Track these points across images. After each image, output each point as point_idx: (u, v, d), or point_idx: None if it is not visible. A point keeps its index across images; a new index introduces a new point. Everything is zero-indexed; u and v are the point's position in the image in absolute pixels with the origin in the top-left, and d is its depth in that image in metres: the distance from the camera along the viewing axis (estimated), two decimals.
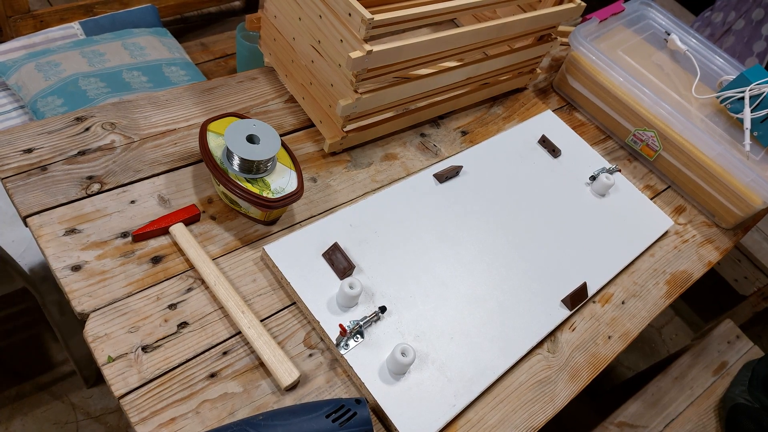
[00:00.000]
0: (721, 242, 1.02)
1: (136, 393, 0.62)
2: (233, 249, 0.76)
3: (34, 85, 1.29)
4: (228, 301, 0.69)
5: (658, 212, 0.99)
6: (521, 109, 1.11)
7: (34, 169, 0.76)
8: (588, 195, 0.97)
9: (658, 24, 1.23)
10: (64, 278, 0.67)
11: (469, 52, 0.91)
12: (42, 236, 0.70)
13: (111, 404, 1.33)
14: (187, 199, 0.79)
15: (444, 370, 0.71)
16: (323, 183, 0.87)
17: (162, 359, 0.65)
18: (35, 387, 1.32)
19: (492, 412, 0.71)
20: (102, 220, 0.73)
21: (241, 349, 0.68)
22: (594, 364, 0.80)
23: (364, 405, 0.62)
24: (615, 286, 0.89)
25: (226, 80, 0.95)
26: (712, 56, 1.19)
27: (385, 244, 0.80)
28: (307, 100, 0.92)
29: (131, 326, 0.66)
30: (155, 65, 1.42)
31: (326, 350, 0.71)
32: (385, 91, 0.84)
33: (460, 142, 1.00)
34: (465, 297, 0.78)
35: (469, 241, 0.84)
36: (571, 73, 1.12)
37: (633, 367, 1.82)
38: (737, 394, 1.20)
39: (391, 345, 0.71)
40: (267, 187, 0.74)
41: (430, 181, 0.89)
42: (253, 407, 0.64)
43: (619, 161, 1.09)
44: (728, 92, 1.07)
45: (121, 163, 0.79)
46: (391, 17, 0.74)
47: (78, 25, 1.48)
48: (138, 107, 0.87)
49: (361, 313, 0.72)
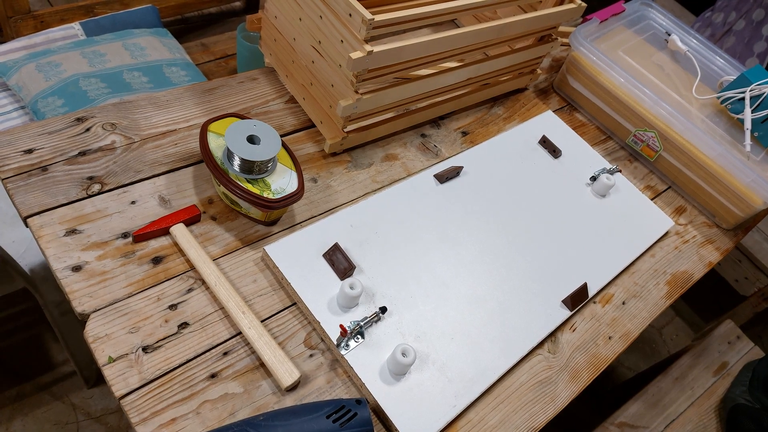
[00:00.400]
0: (722, 243, 1.02)
1: (136, 393, 0.62)
2: (234, 249, 0.76)
3: (35, 86, 1.29)
4: (228, 302, 0.69)
5: (659, 213, 0.99)
6: (522, 110, 1.11)
7: (35, 170, 0.76)
8: (588, 195, 0.97)
9: (658, 24, 1.23)
10: (65, 279, 0.68)
11: (470, 52, 0.91)
12: (42, 237, 0.70)
13: (111, 405, 1.33)
14: (188, 199, 0.79)
15: (444, 370, 0.71)
16: (324, 183, 0.87)
17: (162, 360, 0.65)
18: (36, 387, 1.32)
19: (493, 413, 0.71)
20: (102, 220, 0.73)
21: (241, 349, 0.68)
22: (594, 364, 0.80)
23: (364, 405, 0.62)
24: (615, 287, 0.89)
25: (227, 81, 0.95)
26: (712, 57, 1.19)
27: (385, 244, 0.80)
28: (307, 100, 0.92)
29: (132, 327, 0.66)
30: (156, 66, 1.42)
31: (327, 351, 0.71)
32: (385, 92, 0.84)
33: (460, 143, 1.00)
34: (465, 297, 0.78)
35: (470, 242, 0.84)
36: (572, 73, 1.12)
37: (633, 367, 1.82)
38: (738, 395, 1.20)
39: (391, 345, 0.71)
40: (267, 188, 0.74)
41: (431, 181, 0.89)
42: (253, 408, 0.64)
43: (619, 162, 1.09)
44: (729, 93, 1.07)
45: (121, 164, 0.79)
46: (392, 18, 0.74)
47: (78, 26, 1.48)
48: (138, 108, 0.87)
49: (361, 313, 0.72)
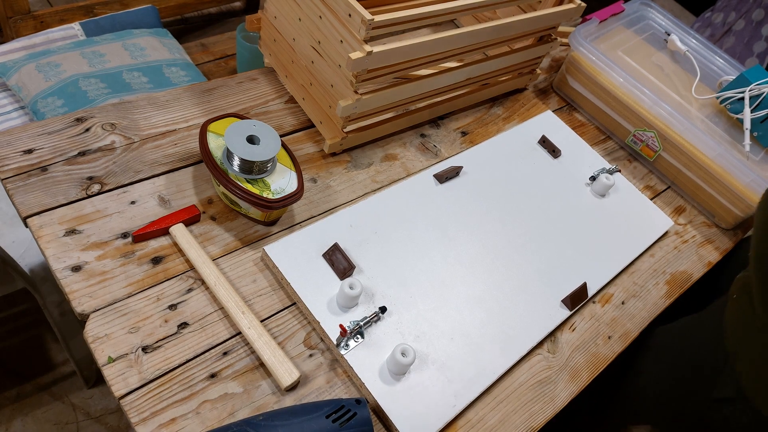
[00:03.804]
0: (721, 242, 1.02)
1: (136, 393, 0.62)
2: (233, 249, 0.76)
3: (35, 86, 1.29)
4: (228, 302, 0.69)
5: (658, 212, 0.99)
6: (521, 110, 1.11)
7: (35, 170, 0.76)
8: (588, 195, 0.97)
9: (658, 24, 1.23)
10: (65, 279, 0.68)
11: (469, 52, 0.91)
12: (42, 237, 0.70)
13: (111, 405, 1.33)
14: (188, 199, 0.79)
15: (444, 370, 0.71)
16: (323, 183, 0.87)
17: (162, 360, 0.65)
18: (35, 387, 1.32)
19: (492, 413, 0.71)
20: (102, 220, 0.73)
21: (241, 349, 0.68)
22: (594, 364, 0.80)
23: (364, 405, 0.62)
24: (615, 287, 0.89)
25: (226, 81, 0.95)
26: (712, 57, 1.19)
27: (385, 244, 0.80)
28: (307, 100, 0.92)
29: (131, 327, 0.66)
30: (155, 66, 1.42)
31: (326, 351, 0.71)
32: (385, 92, 0.84)
33: (460, 143, 1.00)
34: (465, 297, 0.78)
35: (469, 242, 0.84)
36: (571, 73, 1.12)
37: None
38: None
39: (391, 345, 0.71)
40: (267, 188, 0.74)
41: (430, 181, 0.89)
42: (253, 407, 0.64)
43: (619, 162, 1.09)
44: (728, 93, 1.07)
45: (121, 164, 0.79)
46: (391, 18, 0.74)
47: (78, 26, 1.48)
48: (138, 108, 0.87)
49: (361, 313, 0.72)
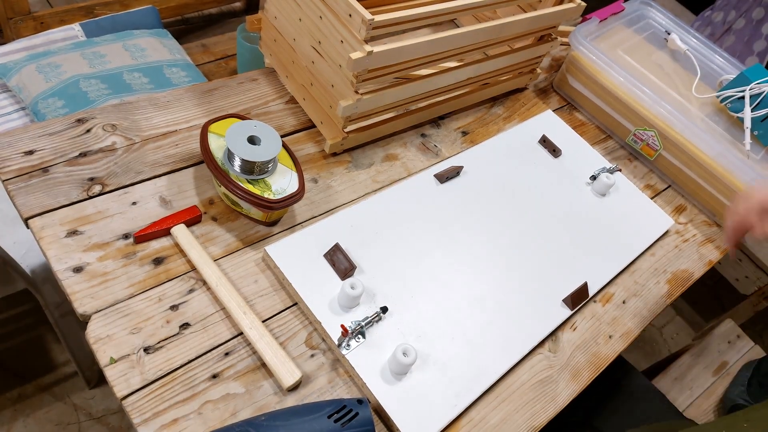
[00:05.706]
0: (722, 241, 1.02)
1: (138, 394, 0.62)
2: (235, 250, 0.76)
3: (35, 87, 1.29)
4: (230, 302, 0.69)
5: (659, 211, 0.99)
6: (522, 109, 1.11)
7: (36, 171, 0.76)
8: (588, 195, 0.97)
9: (658, 23, 1.23)
10: (66, 280, 0.68)
11: (470, 52, 0.91)
12: (43, 238, 0.70)
13: (113, 405, 1.33)
14: (189, 200, 0.79)
15: (445, 370, 0.71)
16: (324, 184, 0.87)
17: (164, 360, 0.65)
18: (37, 388, 1.32)
19: (494, 412, 0.71)
20: (103, 221, 0.73)
21: (243, 350, 0.68)
22: (595, 363, 0.80)
23: (366, 405, 0.62)
24: (616, 286, 0.89)
25: (227, 81, 0.95)
26: (712, 55, 1.19)
27: (386, 244, 0.80)
28: (307, 101, 0.92)
29: (133, 327, 0.66)
30: (156, 66, 1.42)
31: (328, 351, 0.71)
32: (385, 92, 0.84)
33: (460, 143, 1.00)
34: (466, 297, 0.78)
35: (470, 241, 0.84)
36: (572, 72, 1.12)
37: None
38: (736, 395, 1.20)
39: (392, 345, 0.71)
40: (268, 188, 0.74)
41: (431, 181, 0.89)
42: (255, 408, 0.64)
43: (619, 161, 1.09)
44: (728, 91, 1.07)
45: (122, 165, 0.80)
46: (392, 18, 0.74)
47: (79, 27, 1.48)
48: (139, 109, 0.87)
49: (362, 313, 0.72)
